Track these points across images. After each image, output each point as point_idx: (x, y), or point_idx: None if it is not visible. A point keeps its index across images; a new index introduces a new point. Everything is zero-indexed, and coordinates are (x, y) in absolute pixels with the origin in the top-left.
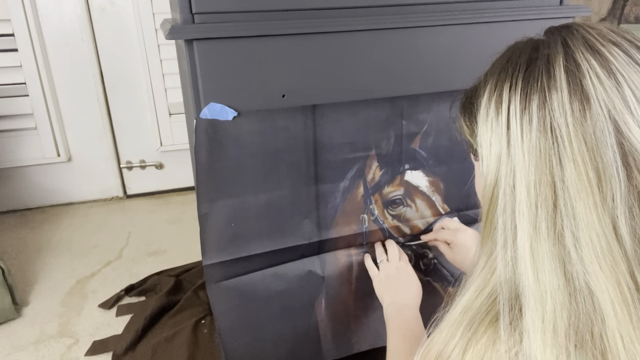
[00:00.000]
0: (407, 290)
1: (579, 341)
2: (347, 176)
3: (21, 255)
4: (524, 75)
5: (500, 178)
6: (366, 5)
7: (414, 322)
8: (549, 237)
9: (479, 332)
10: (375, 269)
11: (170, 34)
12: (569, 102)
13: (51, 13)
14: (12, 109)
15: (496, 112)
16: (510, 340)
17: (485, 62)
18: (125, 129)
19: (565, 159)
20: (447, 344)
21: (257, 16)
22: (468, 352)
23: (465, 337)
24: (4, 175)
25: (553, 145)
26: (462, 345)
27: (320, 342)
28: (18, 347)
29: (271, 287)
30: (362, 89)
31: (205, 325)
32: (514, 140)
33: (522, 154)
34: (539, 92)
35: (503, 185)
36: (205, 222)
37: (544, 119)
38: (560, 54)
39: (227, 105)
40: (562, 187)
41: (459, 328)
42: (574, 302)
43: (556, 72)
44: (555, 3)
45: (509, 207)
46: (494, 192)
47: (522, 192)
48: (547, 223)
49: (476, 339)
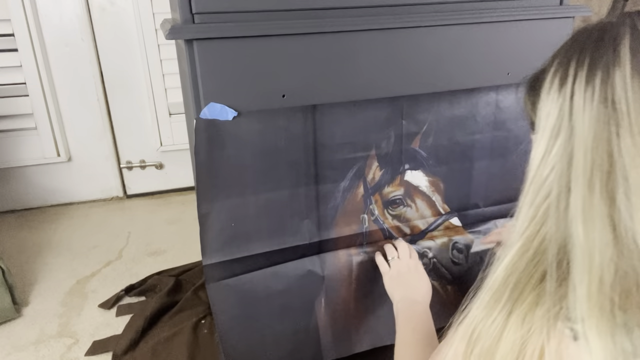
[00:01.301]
0: (418, 287)
1: (623, 293)
2: (347, 176)
3: (21, 255)
4: (591, 52)
5: (557, 143)
6: (366, 5)
7: (425, 317)
8: (601, 197)
9: (524, 293)
10: (386, 265)
11: (170, 34)
12: (630, 79)
13: (51, 13)
14: (12, 109)
15: (560, 84)
16: (556, 295)
17: (485, 62)
18: (125, 129)
19: (622, 129)
20: (492, 309)
21: (257, 16)
22: (513, 314)
23: (511, 299)
24: (4, 175)
25: (612, 116)
26: (508, 309)
27: (319, 342)
28: (18, 347)
29: (271, 286)
30: (362, 89)
31: (205, 325)
32: (577, 109)
33: (583, 122)
34: (603, 68)
35: (557, 150)
36: (205, 222)
37: (605, 92)
38: (627, 34)
39: (227, 105)
40: (618, 155)
41: (504, 293)
42: (622, 257)
43: (621, 51)
44: (555, 3)
45: (563, 171)
46: (544, 157)
47: (579, 156)
48: (601, 184)
49: (522, 300)
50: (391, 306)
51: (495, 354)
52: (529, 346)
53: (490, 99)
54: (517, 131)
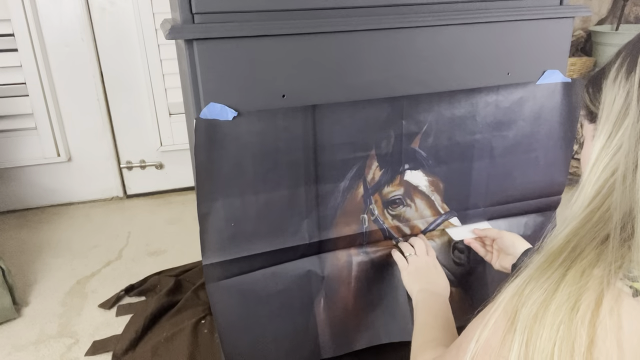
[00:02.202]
0: (437, 281)
1: None
2: (347, 176)
3: (21, 255)
4: None
5: (624, 124)
6: (366, 5)
7: (445, 307)
8: None
9: (585, 252)
10: (404, 261)
11: (170, 34)
12: None
13: (51, 13)
14: (12, 109)
15: (627, 72)
16: (618, 252)
17: (485, 62)
18: (125, 129)
19: None
20: (546, 269)
21: (257, 16)
22: (571, 269)
23: (569, 258)
24: (4, 175)
25: None
26: (566, 265)
27: (318, 340)
28: (18, 347)
29: (271, 286)
30: (362, 89)
31: (205, 325)
32: (638, 98)
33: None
34: None
35: (624, 131)
36: (205, 222)
37: None
38: None
39: (227, 105)
40: None
41: (561, 254)
42: None
43: None
44: (555, 3)
45: (631, 149)
46: (609, 139)
47: (633, 142)
48: None
49: (581, 257)
50: (390, 305)
51: (550, 305)
52: (584, 300)
53: (490, 99)
54: (517, 131)
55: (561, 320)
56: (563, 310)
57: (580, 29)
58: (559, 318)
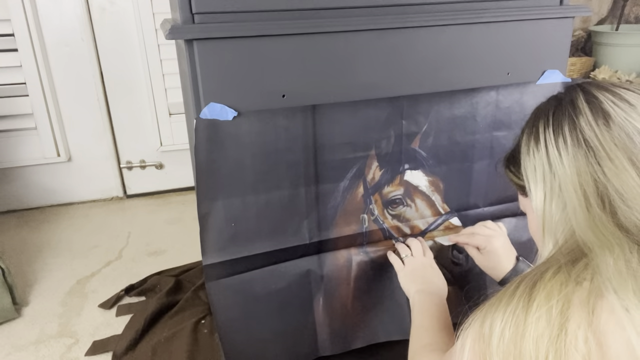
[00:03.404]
0: (434, 282)
1: None
2: (347, 176)
3: (21, 255)
4: (553, 113)
5: (548, 192)
6: (366, 5)
7: (442, 308)
8: (604, 213)
9: (546, 277)
10: (400, 263)
11: (170, 34)
12: (594, 121)
13: (51, 13)
14: (12, 109)
15: (535, 144)
16: (586, 272)
17: (485, 62)
18: (125, 129)
19: (601, 159)
20: (507, 301)
21: (257, 16)
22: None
23: (528, 286)
24: (4, 175)
25: (588, 152)
26: (527, 292)
27: (316, 339)
28: (18, 347)
29: (271, 286)
30: (362, 89)
31: (205, 325)
32: (553, 158)
33: (562, 165)
34: (568, 119)
35: (551, 196)
36: (205, 222)
37: (576, 137)
38: (580, 93)
39: (227, 105)
40: (605, 180)
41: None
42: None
43: (579, 104)
44: (555, 3)
45: (564, 207)
46: (545, 202)
47: (570, 192)
48: (597, 205)
49: (543, 282)
50: (389, 305)
51: (525, 334)
52: (571, 320)
53: (490, 99)
54: (517, 131)
55: (547, 346)
56: (546, 336)
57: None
58: (544, 344)
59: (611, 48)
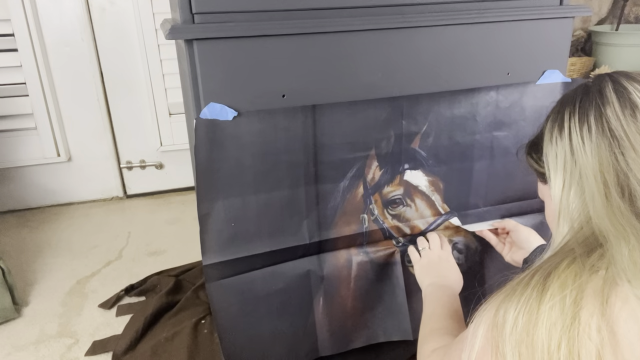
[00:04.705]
0: (448, 275)
1: None
2: (347, 176)
3: (21, 255)
4: (580, 101)
5: (567, 180)
6: (366, 5)
7: (453, 299)
8: (623, 202)
9: (560, 267)
10: (417, 254)
11: (170, 34)
12: (620, 111)
13: (51, 13)
14: (12, 109)
15: (559, 131)
16: (601, 261)
17: (485, 62)
18: (125, 129)
19: (625, 149)
20: (522, 290)
21: (257, 16)
22: (549, 285)
23: (542, 276)
24: (4, 175)
25: (612, 142)
26: (541, 282)
27: (316, 339)
28: (18, 347)
29: (270, 286)
30: (362, 89)
31: (205, 325)
32: (576, 146)
33: (585, 154)
34: (595, 108)
35: (570, 183)
36: (205, 222)
37: (601, 126)
38: (609, 82)
39: (227, 105)
40: (627, 169)
41: (533, 277)
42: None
43: (607, 93)
44: (555, 3)
45: (582, 194)
46: (564, 190)
47: (591, 181)
48: (618, 195)
49: (557, 272)
50: (389, 305)
51: (538, 323)
52: (584, 308)
53: (490, 99)
54: (517, 131)
55: (560, 334)
56: (559, 325)
57: (580, 29)
58: (557, 333)
59: (611, 48)
